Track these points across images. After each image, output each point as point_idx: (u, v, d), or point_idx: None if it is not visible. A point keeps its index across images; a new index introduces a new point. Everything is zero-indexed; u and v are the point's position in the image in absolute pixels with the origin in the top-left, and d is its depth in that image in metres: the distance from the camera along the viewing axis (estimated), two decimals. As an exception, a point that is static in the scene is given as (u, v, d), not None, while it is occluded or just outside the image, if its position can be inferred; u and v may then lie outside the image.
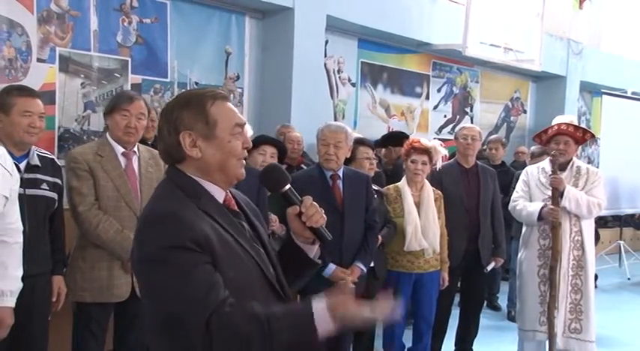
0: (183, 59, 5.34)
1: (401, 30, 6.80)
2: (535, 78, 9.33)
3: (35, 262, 2.75)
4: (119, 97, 3.10)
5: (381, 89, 7.27)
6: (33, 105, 2.75)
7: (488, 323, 4.97)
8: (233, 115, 1.58)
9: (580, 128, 4.06)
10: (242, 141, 1.58)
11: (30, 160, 2.78)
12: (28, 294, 2.70)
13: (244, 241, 1.56)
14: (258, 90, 5.96)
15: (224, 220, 1.54)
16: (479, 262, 4.26)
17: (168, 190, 1.57)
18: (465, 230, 4.21)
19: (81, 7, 4.65)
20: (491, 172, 4.49)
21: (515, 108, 9.31)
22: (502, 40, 7.35)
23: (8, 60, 4.27)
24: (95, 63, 4.77)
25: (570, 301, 3.87)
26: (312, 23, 5.87)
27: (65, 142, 4.55)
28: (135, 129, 3.00)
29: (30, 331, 2.76)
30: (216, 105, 1.56)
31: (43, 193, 2.80)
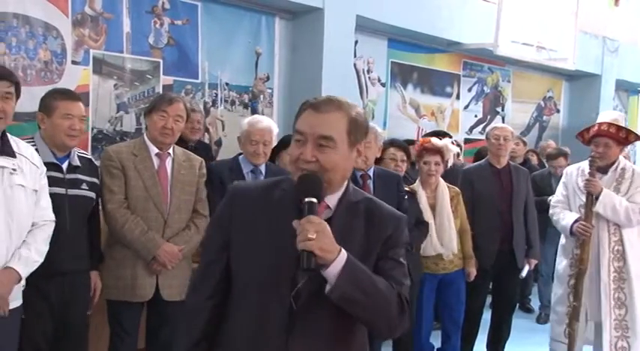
0: (214, 60, 5.36)
1: (431, 29, 6.73)
2: (569, 77, 9.15)
3: (76, 259, 2.82)
4: (159, 99, 3.16)
5: (411, 89, 7.21)
6: (74, 108, 2.81)
7: (520, 325, 4.89)
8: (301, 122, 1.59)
9: (623, 129, 3.76)
10: (301, 150, 1.56)
11: (71, 161, 2.84)
12: (68, 290, 2.79)
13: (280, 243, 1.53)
14: (287, 90, 5.96)
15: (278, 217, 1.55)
16: (512, 264, 4.19)
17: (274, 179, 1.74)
18: (498, 231, 4.15)
19: (114, 10, 4.71)
20: (524, 172, 4.42)
21: (548, 107, 9.15)
22: (535, 38, 7.23)
23: (44, 62, 4.34)
24: (128, 65, 4.82)
25: (614, 317, 3.65)
26: (342, 23, 5.84)
27: (98, 143, 4.60)
28: (171, 130, 3.03)
29: (71, 325, 2.82)
30: (304, 112, 1.60)
31: (84, 193, 2.86)
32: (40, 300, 2.68)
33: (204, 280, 1.65)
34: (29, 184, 2.46)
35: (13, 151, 2.42)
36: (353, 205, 1.62)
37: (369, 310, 1.50)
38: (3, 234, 2.35)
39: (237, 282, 1.60)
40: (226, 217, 1.64)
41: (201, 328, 1.62)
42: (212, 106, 5.37)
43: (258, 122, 3.39)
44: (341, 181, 1.61)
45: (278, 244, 1.53)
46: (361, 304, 1.48)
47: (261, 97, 5.76)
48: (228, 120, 5.45)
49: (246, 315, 1.57)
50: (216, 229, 1.67)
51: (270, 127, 3.39)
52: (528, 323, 5.56)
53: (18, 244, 2.42)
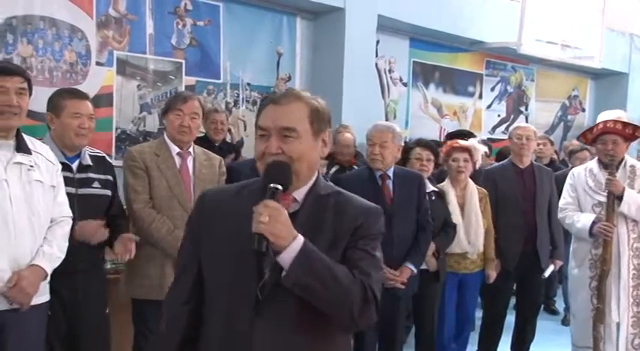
0: (236, 60, 5.39)
1: (453, 29, 6.69)
2: (594, 75, 9.02)
3: (87, 257, 2.80)
4: (174, 98, 3.17)
5: (433, 89, 7.17)
6: (82, 107, 2.80)
7: (545, 327, 4.82)
8: (262, 117, 1.58)
9: (630, 125, 3.69)
10: (264, 146, 1.55)
11: (82, 160, 2.83)
12: (82, 288, 2.78)
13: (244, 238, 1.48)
14: (309, 90, 5.81)
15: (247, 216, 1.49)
16: (536, 265, 4.13)
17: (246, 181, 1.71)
18: (521, 232, 4.09)
19: (137, 11, 4.77)
20: (548, 172, 4.35)
21: (573, 106, 9.02)
22: (559, 36, 7.13)
23: (69, 64, 4.41)
24: (151, 65, 4.87)
25: (632, 314, 3.58)
26: (363, 23, 5.83)
27: (122, 143, 4.66)
28: (188, 128, 3.04)
29: (88, 323, 2.81)
30: (264, 107, 1.59)
31: (95, 192, 2.84)
32: (52, 299, 2.64)
33: (179, 286, 1.67)
34: (46, 180, 2.48)
35: (28, 148, 2.45)
36: (322, 198, 1.60)
37: (327, 298, 1.47)
38: (26, 230, 2.38)
39: (209, 285, 1.61)
40: (195, 223, 1.65)
41: (181, 333, 1.63)
42: (234, 107, 5.41)
43: None
44: (308, 172, 1.58)
45: (244, 240, 1.48)
46: (317, 291, 1.45)
47: (282, 97, 5.76)
48: (249, 120, 5.48)
49: (217, 316, 1.57)
50: (188, 235, 1.69)
51: None
52: (553, 325, 5.47)
53: (40, 240, 2.44)
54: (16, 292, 2.31)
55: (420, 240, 3.44)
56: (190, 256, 1.65)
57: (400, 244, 3.36)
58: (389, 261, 3.30)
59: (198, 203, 1.68)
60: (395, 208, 3.35)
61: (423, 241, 3.46)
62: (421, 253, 3.46)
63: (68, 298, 2.74)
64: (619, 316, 3.60)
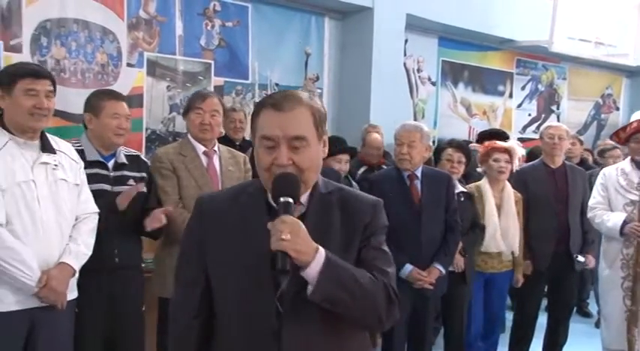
0: (264, 61, 5.40)
1: (483, 27, 6.61)
2: (629, 73, 8.84)
3: (127, 255, 2.86)
4: (193, 97, 3.20)
5: (462, 88, 7.10)
6: (120, 108, 2.88)
7: (578, 329, 4.73)
8: (265, 126, 1.47)
9: None
10: (272, 158, 1.45)
11: (117, 159, 2.90)
12: (121, 285, 2.83)
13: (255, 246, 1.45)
14: (337, 90, 5.95)
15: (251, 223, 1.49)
16: (569, 266, 4.06)
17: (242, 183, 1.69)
18: (554, 233, 4.02)
19: (167, 13, 4.81)
20: (580, 172, 4.28)
21: (607, 105, 8.84)
22: (593, 34, 7.00)
23: (101, 65, 4.47)
24: (180, 66, 4.91)
25: None
26: (392, 22, 5.79)
27: (152, 143, 4.71)
28: (209, 125, 3.06)
29: (126, 319, 2.87)
30: (263, 112, 1.48)
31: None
32: (92, 295, 2.72)
33: (187, 300, 1.59)
34: (70, 178, 2.53)
35: (53, 148, 2.50)
36: (325, 196, 1.54)
37: (355, 307, 1.43)
38: (54, 229, 2.42)
39: (219, 296, 1.55)
40: (198, 232, 1.57)
41: (194, 348, 1.59)
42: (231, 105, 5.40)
43: None
44: (315, 177, 1.53)
45: (253, 250, 1.45)
46: (346, 302, 1.41)
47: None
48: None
49: (233, 328, 1.52)
50: (191, 245, 1.60)
51: None
52: (586, 328, 5.36)
53: (66, 238, 2.49)
54: (47, 291, 2.35)
55: (449, 240, 3.41)
56: (196, 266, 1.57)
57: (428, 244, 3.33)
58: (417, 261, 3.28)
59: (197, 211, 1.60)
60: (423, 208, 3.33)
61: (452, 242, 3.43)
62: (450, 254, 3.43)
63: (107, 295, 2.79)
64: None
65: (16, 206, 2.32)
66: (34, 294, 2.34)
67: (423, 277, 3.27)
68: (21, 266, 2.29)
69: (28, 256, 2.32)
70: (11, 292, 2.32)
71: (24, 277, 2.31)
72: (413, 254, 3.27)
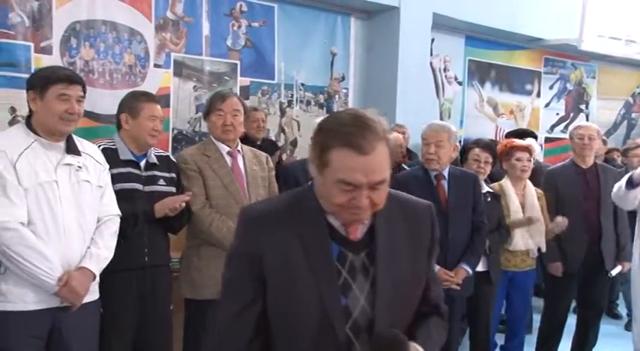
0: (290, 61, 5.38)
1: (510, 26, 6.50)
2: (660, 71, 8.62)
3: (157, 254, 2.88)
4: (212, 99, 3.19)
5: (489, 87, 7.00)
6: (157, 110, 2.94)
7: (607, 331, 4.62)
8: (347, 170, 1.31)
9: None
10: (350, 197, 1.33)
11: (149, 159, 2.92)
12: (150, 283, 2.85)
13: (322, 268, 1.38)
14: (363, 90, 5.91)
15: (314, 240, 1.39)
16: (601, 267, 3.97)
17: (291, 193, 1.52)
18: (585, 234, 3.94)
19: (194, 14, 4.82)
20: (613, 172, 4.18)
21: (638, 104, 8.63)
22: (623, 31, 6.82)
23: (129, 66, 4.50)
24: (206, 67, 4.92)
25: None
26: (418, 22, 5.74)
27: (178, 144, 4.72)
28: (232, 126, 3.06)
29: (155, 318, 2.88)
30: (340, 151, 1.31)
31: (160, 189, 2.91)
32: (122, 294, 2.75)
33: (241, 324, 1.41)
34: (94, 180, 2.53)
35: (78, 149, 2.51)
36: (387, 209, 1.42)
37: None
38: (75, 230, 2.42)
39: (280, 322, 1.42)
40: (253, 250, 1.41)
41: None
42: (288, 107, 5.41)
43: None
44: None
45: (320, 276, 1.38)
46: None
47: (336, 97, 5.75)
48: (303, 120, 5.46)
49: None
50: (243, 264, 1.42)
51: None
52: (616, 330, 5.24)
53: (88, 240, 2.49)
54: (66, 291, 2.35)
55: (476, 241, 3.35)
56: (252, 288, 1.41)
57: (455, 244, 3.27)
58: (444, 261, 3.22)
59: (248, 226, 1.45)
60: (450, 209, 3.27)
61: (479, 242, 3.37)
62: (477, 254, 3.37)
63: (137, 294, 2.80)
64: None
65: (38, 206, 2.33)
66: (54, 293, 2.35)
67: (450, 277, 3.21)
68: (41, 265, 2.30)
69: (50, 254, 2.33)
70: (32, 291, 2.32)
71: (45, 276, 2.31)
72: (440, 254, 3.21)
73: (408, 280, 1.44)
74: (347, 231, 1.42)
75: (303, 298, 1.38)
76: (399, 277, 1.42)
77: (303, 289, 1.38)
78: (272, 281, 1.40)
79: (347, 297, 1.39)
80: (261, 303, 1.41)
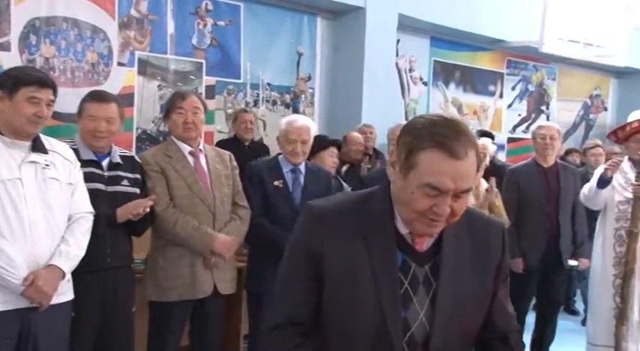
0: (256, 60, 5.35)
1: (474, 27, 6.58)
2: (617, 74, 8.84)
3: (118, 255, 2.81)
4: (172, 98, 3.14)
5: (453, 88, 7.07)
6: (99, 110, 2.79)
7: (565, 327, 4.73)
8: (436, 173, 1.23)
9: None
10: (432, 204, 1.25)
11: (112, 159, 2.85)
12: (112, 286, 2.78)
13: (385, 278, 1.32)
14: (329, 90, 5.91)
15: (378, 247, 1.33)
16: (558, 264, 4.07)
17: (358, 193, 1.45)
18: (544, 232, 4.03)
19: (159, 12, 4.74)
20: (573, 171, 4.28)
21: (595, 105, 8.85)
22: (582, 35, 6.97)
23: (91, 64, 4.40)
24: (171, 66, 4.85)
25: None
26: (384, 22, 5.76)
27: (142, 143, 4.65)
28: (193, 124, 3.01)
29: (116, 320, 2.82)
30: (430, 152, 1.24)
31: (124, 189, 2.84)
32: (84, 295, 2.65)
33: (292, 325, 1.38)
34: (62, 177, 2.47)
35: (44, 147, 2.46)
36: (455, 224, 1.34)
37: None
38: (43, 228, 2.37)
39: (335, 326, 1.36)
40: (316, 246, 1.35)
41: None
42: (254, 106, 5.37)
43: (296, 121, 3.34)
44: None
45: (382, 284, 1.32)
46: None
47: (302, 97, 5.73)
48: (269, 120, 5.43)
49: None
50: (302, 259, 1.37)
51: (308, 125, 3.33)
52: (573, 325, 5.37)
53: (58, 238, 2.43)
54: (32, 291, 2.29)
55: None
56: (308, 285, 1.36)
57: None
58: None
59: (313, 223, 1.38)
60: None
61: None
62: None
63: (99, 296, 2.74)
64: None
65: (0, 204, 2.27)
66: (20, 293, 2.28)
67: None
68: (4, 265, 2.24)
69: (13, 254, 2.26)
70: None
71: (8, 276, 2.25)
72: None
73: (469, 300, 1.37)
74: (413, 240, 1.36)
75: (362, 304, 1.32)
76: (461, 296, 1.36)
77: (363, 295, 1.32)
78: (331, 283, 1.34)
79: (407, 309, 1.33)
80: (314, 304, 1.36)
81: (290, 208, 3.21)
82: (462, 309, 1.36)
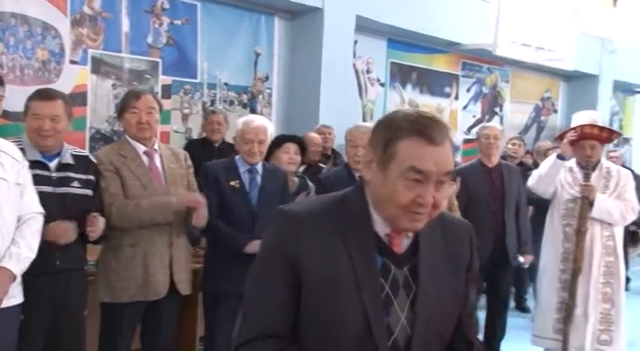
0: (213, 60, 5.31)
1: (430, 30, 6.68)
2: (566, 77, 9.10)
3: (69, 258, 2.74)
4: (126, 97, 3.09)
5: (410, 89, 7.15)
6: (43, 108, 2.70)
7: (516, 324, 4.83)
8: (418, 157, 1.24)
9: (605, 129, 3.79)
10: (416, 193, 1.25)
11: (61, 160, 2.77)
12: (63, 289, 2.72)
13: (367, 282, 1.29)
14: (286, 90, 5.90)
15: (358, 251, 1.29)
16: (505, 262, 4.18)
17: (332, 196, 1.39)
18: (491, 231, 4.11)
19: (113, 9, 4.65)
20: (516, 171, 4.42)
21: (546, 108, 9.10)
22: (533, 39, 7.17)
23: (42, 62, 4.28)
24: (126, 64, 4.76)
25: (601, 310, 3.65)
26: (342, 24, 5.79)
27: (96, 143, 4.55)
28: (147, 123, 2.97)
29: (66, 324, 2.76)
30: (410, 140, 1.25)
31: (74, 191, 2.77)
32: (34, 298, 2.60)
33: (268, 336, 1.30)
34: (10, 177, 2.40)
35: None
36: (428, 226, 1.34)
37: None
38: None
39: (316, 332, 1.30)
40: (294, 251, 1.29)
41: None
42: (211, 106, 5.31)
43: (252, 121, 3.33)
44: None
45: (365, 287, 1.28)
46: None
47: (259, 97, 5.71)
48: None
49: None
50: (279, 266, 1.30)
51: (265, 125, 3.32)
52: (524, 322, 5.47)
53: (8, 239, 2.37)
54: None
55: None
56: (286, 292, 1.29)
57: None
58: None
59: (287, 227, 1.31)
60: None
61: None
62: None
63: (49, 298, 2.67)
64: (587, 312, 3.64)
65: None
66: None
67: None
68: None
69: None
70: None
71: None
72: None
73: (446, 302, 1.36)
74: (391, 242, 1.34)
75: (345, 308, 1.27)
76: (439, 298, 1.34)
77: (346, 299, 1.28)
78: (311, 287, 1.28)
79: (389, 313, 1.30)
80: (293, 314, 1.30)
81: (247, 208, 3.21)
82: (440, 311, 1.35)
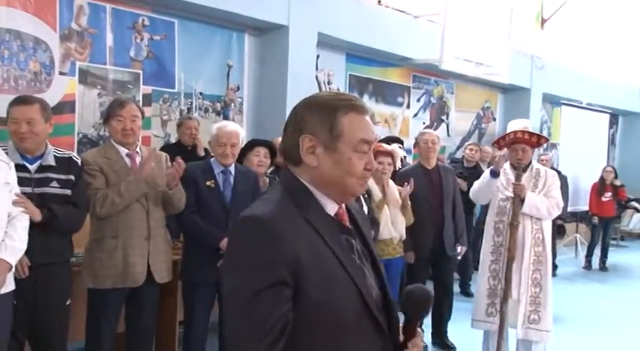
0: (189, 72, 5.37)
1: (385, 46, 6.82)
2: (503, 90, 9.32)
3: (49, 252, 2.72)
4: (112, 105, 3.09)
5: (367, 99, 7.25)
6: (19, 112, 2.65)
7: (462, 308, 4.93)
8: (362, 129, 1.26)
9: (534, 134, 3.92)
10: (365, 161, 1.27)
11: (43, 162, 2.72)
12: (41, 282, 2.69)
13: (347, 261, 1.25)
14: (256, 100, 5.98)
15: (329, 236, 1.24)
16: (445, 253, 4.37)
17: (277, 195, 1.28)
18: (431, 226, 4.28)
19: (98, 26, 4.70)
20: (451, 171, 4.57)
21: (486, 116, 9.33)
22: (474, 55, 7.37)
23: (34, 73, 4.31)
24: (110, 75, 4.80)
25: (530, 294, 3.76)
26: (305, 40, 5.89)
27: (84, 147, 4.58)
28: (131, 130, 3.01)
29: (48, 316, 2.73)
30: (348, 116, 1.25)
31: (53, 191, 2.72)
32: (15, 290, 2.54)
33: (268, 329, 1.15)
34: (0, 177, 2.42)
35: None
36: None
37: None
38: None
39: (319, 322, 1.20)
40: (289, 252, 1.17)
41: None
42: (187, 113, 5.38)
43: (226, 126, 3.39)
44: None
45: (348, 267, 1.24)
46: None
47: (232, 106, 5.79)
48: (202, 126, 5.43)
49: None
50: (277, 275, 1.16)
51: (237, 130, 3.39)
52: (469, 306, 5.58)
53: (0, 234, 2.38)
54: None
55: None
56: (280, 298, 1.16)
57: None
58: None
59: (277, 236, 1.18)
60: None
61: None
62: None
63: (28, 291, 2.65)
64: (519, 295, 3.78)
65: None
66: None
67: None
68: None
69: None
70: None
71: None
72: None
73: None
74: (342, 219, 1.32)
75: (342, 293, 1.22)
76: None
77: (340, 284, 1.22)
78: (309, 284, 1.19)
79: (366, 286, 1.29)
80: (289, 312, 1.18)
81: (221, 205, 3.28)
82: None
